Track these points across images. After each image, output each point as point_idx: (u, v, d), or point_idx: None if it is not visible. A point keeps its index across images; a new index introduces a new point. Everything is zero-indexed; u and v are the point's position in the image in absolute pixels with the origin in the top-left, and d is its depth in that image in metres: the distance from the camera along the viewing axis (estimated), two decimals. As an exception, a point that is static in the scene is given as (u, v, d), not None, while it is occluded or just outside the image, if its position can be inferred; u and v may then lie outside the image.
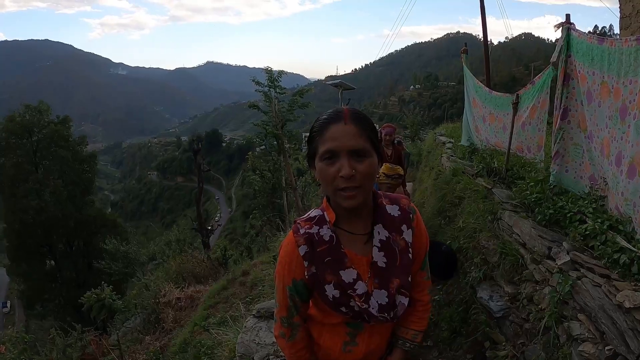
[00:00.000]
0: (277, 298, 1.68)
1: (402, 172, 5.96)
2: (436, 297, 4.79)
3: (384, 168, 5.50)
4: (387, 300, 1.58)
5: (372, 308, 1.56)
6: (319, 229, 1.57)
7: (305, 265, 1.56)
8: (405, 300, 1.62)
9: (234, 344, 4.92)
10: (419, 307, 1.80)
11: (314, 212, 1.64)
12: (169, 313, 10.01)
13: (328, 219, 1.59)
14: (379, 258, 1.59)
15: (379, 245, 1.59)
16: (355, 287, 1.55)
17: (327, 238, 1.56)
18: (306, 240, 1.56)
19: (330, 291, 1.55)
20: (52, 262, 31.34)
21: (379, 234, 1.60)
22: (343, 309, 1.57)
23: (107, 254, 24.24)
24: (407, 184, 7.48)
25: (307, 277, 1.57)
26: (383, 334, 1.74)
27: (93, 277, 24.83)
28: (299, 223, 1.61)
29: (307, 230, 1.57)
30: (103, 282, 14.91)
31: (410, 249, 1.64)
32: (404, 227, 1.63)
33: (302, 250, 1.55)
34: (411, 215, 1.66)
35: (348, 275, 1.55)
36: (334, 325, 1.66)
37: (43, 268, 30.89)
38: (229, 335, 5.59)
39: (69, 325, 11.51)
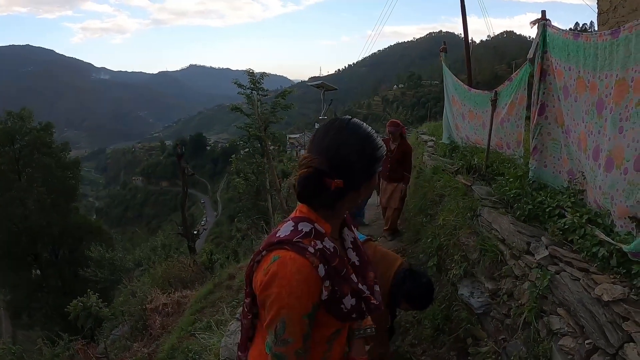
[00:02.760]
0: (286, 333, 1.44)
1: None
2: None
3: None
4: (368, 292, 1.59)
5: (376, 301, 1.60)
6: (322, 243, 1.48)
7: (325, 286, 1.45)
8: (378, 288, 1.68)
9: (219, 348, 4.88)
10: None
11: (304, 228, 1.50)
12: (156, 319, 9.89)
13: (324, 231, 1.51)
14: (354, 258, 1.66)
15: (351, 246, 1.68)
16: (361, 288, 1.56)
17: (332, 250, 1.49)
18: (321, 259, 1.44)
19: (348, 302, 1.49)
20: (38, 271, 30.84)
21: (348, 236, 1.69)
22: (354, 315, 1.52)
23: (93, 261, 24.00)
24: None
25: (325, 297, 1.45)
26: (345, 333, 1.73)
27: (79, 285, 24.43)
28: (299, 242, 1.45)
29: (317, 248, 1.45)
30: (89, 290, 14.79)
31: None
32: (352, 227, 1.75)
33: (322, 270, 1.43)
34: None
35: (354, 280, 1.54)
36: (320, 338, 1.59)
37: (29, 277, 30.38)
38: (214, 339, 5.54)
39: (56, 334, 11.40)
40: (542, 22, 4.19)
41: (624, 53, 2.89)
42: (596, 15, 7.53)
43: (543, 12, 4.27)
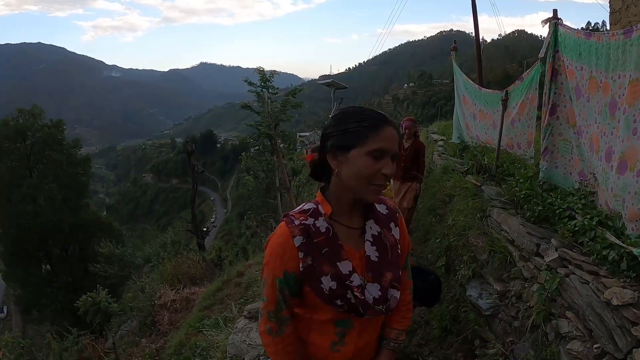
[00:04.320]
0: (264, 292, 1.63)
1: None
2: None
3: None
4: (380, 293, 1.59)
5: (368, 299, 1.57)
6: (314, 221, 1.57)
7: (300, 257, 1.53)
8: (397, 294, 1.64)
9: (226, 345, 4.88)
10: (401, 306, 1.80)
11: (306, 206, 1.63)
12: (164, 315, 9.92)
13: (323, 212, 1.60)
14: (372, 252, 1.62)
15: (371, 239, 1.64)
16: (351, 279, 1.56)
17: (323, 230, 1.56)
18: (302, 232, 1.54)
19: (327, 283, 1.53)
20: (48, 266, 31.07)
21: (371, 229, 1.65)
22: (338, 301, 1.54)
23: (103, 257, 24.12)
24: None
25: (301, 268, 1.54)
26: (371, 333, 1.72)
27: (89, 281, 24.55)
28: (292, 215, 1.60)
29: (302, 222, 1.56)
30: (99, 285, 14.88)
31: (399, 245, 1.71)
32: (392, 224, 1.71)
33: (298, 241, 1.53)
34: (397, 215, 1.75)
35: (344, 266, 1.56)
36: (322, 324, 1.62)
37: (39, 273, 30.62)
38: (221, 336, 5.55)
39: (65, 330, 11.46)
40: (554, 21, 4.15)
41: (637, 53, 2.85)
42: (608, 14, 7.47)
43: (555, 11, 4.22)
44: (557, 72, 4.20)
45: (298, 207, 1.66)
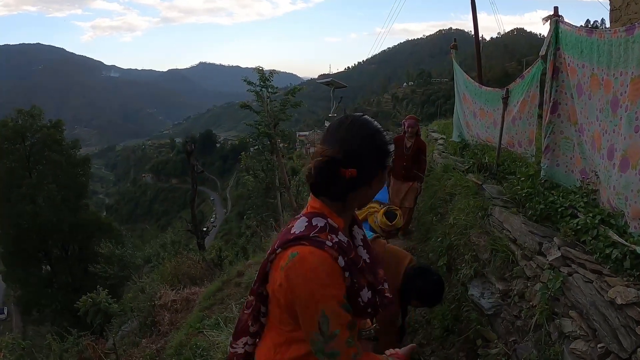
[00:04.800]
0: (333, 325, 1.42)
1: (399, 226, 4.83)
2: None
3: (382, 224, 3.72)
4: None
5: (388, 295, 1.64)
6: (337, 237, 1.49)
7: (346, 276, 1.46)
8: (387, 286, 1.68)
9: (227, 345, 4.86)
10: None
11: (318, 223, 1.50)
12: (164, 316, 9.90)
13: (336, 226, 1.52)
14: (364, 255, 1.64)
15: (361, 244, 1.67)
16: (383, 284, 1.64)
17: (347, 244, 1.52)
18: (339, 251, 1.45)
19: (365, 294, 1.52)
20: (48, 267, 31.06)
21: (358, 234, 1.69)
22: (369, 309, 1.54)
23: (103, 257, 24.13)
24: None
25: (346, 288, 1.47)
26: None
27: (89, 282, 24.54)
28: (317, 237, 1.45)
29: (334, 241, 1.46)
30: (99, 286, 14.88)
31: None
32: (362, 225, 1.78)
33: (342, 262, 1.44)
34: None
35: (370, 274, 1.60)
36: None
37: (39, 273, 30.60)
38: (222, 337, 5.54)
39: (65, 330, 11.46)
40: (555, 19, 4.13)
41: (640, 51, 2.83)
42: (608, 12, 7.46)
43: (555, 9, 4.21)
44: (558, 69, 4.19)
45: (306, 227, 1.50)
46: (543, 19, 4.29)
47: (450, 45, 8.75)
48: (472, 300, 4.01)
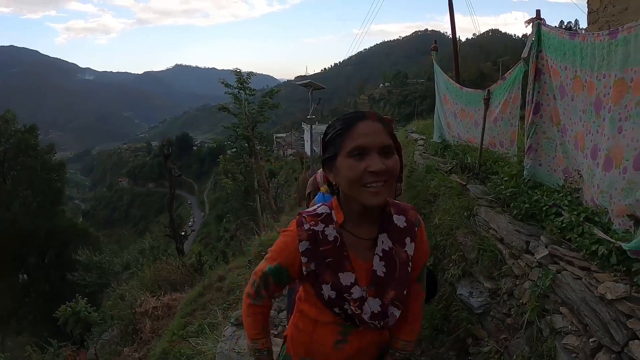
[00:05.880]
0: (261, 263, 1.71)
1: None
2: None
3: None
4: (379, 309, 1.58)
5: (365, 314, 1.57)
6: (324, 227, 1.57)
7: (304, 262, 1.56)
8: (397, 312, 1.62)
9: (214, 353, 4.82)
10: (410, 317, 1.79)
11: (320, 209, 1.62)
12: (146, 323, 9.81)
13: (335, 219, 1.58)
14: (379, 267, 1.59)
15: (381, 254, 1.60)
16: (351, 291, 1.56)
17: (331, 238, 1.56)
18: (309, 237, 1.56)
19: (327, 291, 1.55)
20: (25, 275, 30.48)
21: (382, 243, 1.61)
22: (336, 309, 1.56)
23: (81, 265, 23.80)
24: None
25: (304, 272, 1.57)
26: (374, 336, 1.71)
27: (67, 290, 24.18)
28: (304, 217, 1.60)
29: (312, 227, 1.57)
30: (77, 294, 14.66)
31: (410, 262, 1.65)
32: (407, 239, 1.64)
33: (303, 246, 1.55)
34: (416, 228, 1.67)
35: (346, 278, 1.56)
36: (327, 324, 1.65)
37: (16, 282, 30.01)
38: (208, 345, 5.48)
39: (45, 340, 11.28)
40: (537, 22, 4.21)
41: (623, 54, 2.90)
42: (581, 13, 7.64)
43: (538, 12, 4.30)
44: (540, 71, 4.26)
45: (312, 208, 1.66)
46: (525, 21, 4.38)
47: (431, 47, 8.82)
48: (460, 299, 4.05)
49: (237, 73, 19.31)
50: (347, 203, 1.56)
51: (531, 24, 4.28)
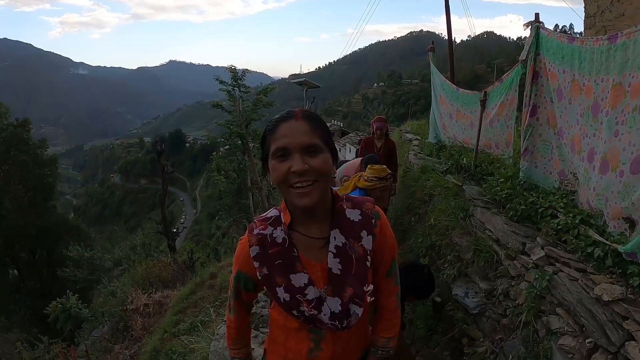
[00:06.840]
0: (229, 291, 1.75)
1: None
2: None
3: (373, 172, 4.22)
4: (340, 308, 1.54)
5: (324, 314, 1.53)
6: (272, 230, 1.57)
7: (256, 266, 1.56)
8: (359, 310, 1.56)
9: (207, 351, 4.80)
10: (385, 314, 1.78)
11: (271, 212, 1.64)
12: (137, 320, 9.76)
13: (283, 221, 1.57)
14: (334, 265, 1.54)
15: (334, 251, 1.55)
16: (305, 292, 1.53)
17: (279, 240, 1.55)
18: (258, 242, 1.56)
19: (281, 294, 1.54)
20: (16, 271, 30.17)
21: (335, 239, 1.55)
22: (295, 312, 1.55)
23: (72, 261, 23.55)
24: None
25: (259, 277, 1.56)
26: (347, 341, 1.66)
27: (58, 286, 23.88)
28: (255, 222, 1.62)
29: (260, 231, 1.57)
30: (68, 290, 14.55)
31: (369, 256, 1.58)
32: (363, 232, 1.58)
33: (254, 251, 1.56)
34: (374, 221, 1.60)
35: (298, 279, 1.53)
36: (297, 330, 1.62)
37: (6, 278, 29.70)
38: (201, 343, 5.46)
39: (35, 337, 11.19)
40: (536, 25, 4.23)
41: (621, 59, 2.92)
42: (577, 18, 7.67)
43: (537, 15, 4.31)
44: (538, 74, 4.28)
45: (265, 213, 1.68)
46: (524, 24, 4.39)
47: (428, 48, 8.84)
48: (456, 299, 4.07)
49: (232, 70, 19.22)
50: (288, 201, 1.53)
51: (530, 27, 4.30)
